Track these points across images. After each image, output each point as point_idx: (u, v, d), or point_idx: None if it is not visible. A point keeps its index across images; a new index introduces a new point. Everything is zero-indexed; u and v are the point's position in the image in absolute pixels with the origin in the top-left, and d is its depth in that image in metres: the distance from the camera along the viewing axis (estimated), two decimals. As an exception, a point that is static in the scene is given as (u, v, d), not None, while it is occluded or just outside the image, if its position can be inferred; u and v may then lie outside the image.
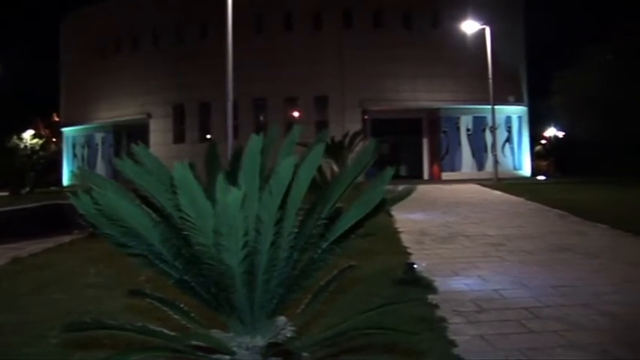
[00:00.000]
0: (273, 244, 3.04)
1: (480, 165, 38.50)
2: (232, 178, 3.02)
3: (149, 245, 3.16)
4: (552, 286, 7.92)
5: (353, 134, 24.47)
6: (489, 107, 33.43)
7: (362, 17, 39.38)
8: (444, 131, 38.78)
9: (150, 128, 42.54)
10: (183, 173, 2.82)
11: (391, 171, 3.26)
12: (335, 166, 21.85)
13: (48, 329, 5.89)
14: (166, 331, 3.25)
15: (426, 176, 40.38)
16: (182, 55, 40.30)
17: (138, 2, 42.52)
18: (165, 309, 3.52)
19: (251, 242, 2.94)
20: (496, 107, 33.86)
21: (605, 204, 18.06)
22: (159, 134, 41.98)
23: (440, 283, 7.94)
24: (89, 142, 48.62)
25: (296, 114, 39.09)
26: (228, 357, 3.19)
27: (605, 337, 5.76)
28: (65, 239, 13.73)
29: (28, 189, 34.55)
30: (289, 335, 3.34)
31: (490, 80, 32.77)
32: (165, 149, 38.43)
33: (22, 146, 54.11)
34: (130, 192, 3.30)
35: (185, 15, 40.45)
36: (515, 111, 39.62)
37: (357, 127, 32.62)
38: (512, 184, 27.06)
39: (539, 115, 43.98)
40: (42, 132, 56.05)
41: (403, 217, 15.22)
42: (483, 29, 33.79)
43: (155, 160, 3.41)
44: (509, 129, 39.47)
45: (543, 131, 53.70)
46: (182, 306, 3.51)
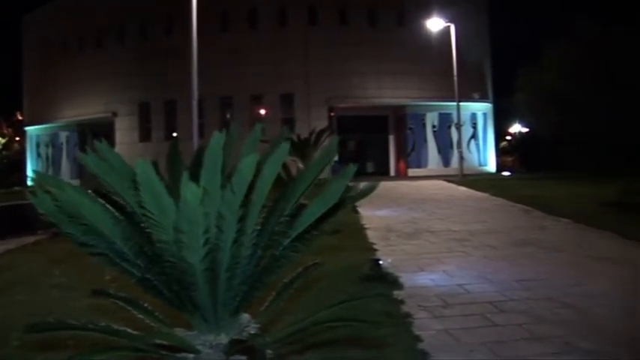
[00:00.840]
0: (235, 242, 3.03)
1: (446, 161, 38.79)
2: (195, 176, 3.00)
3: (110, 243, 3.14)
4: (516, 280, 8.02)
5: (319, 132, 24.42)
6: (455, 104, 33.69)
7: (327, 15, 39.38)
8: (410, 128, 38.98)
9: (115, 127, 42.08)
10: (145, 170, 2.80)
11: (353, 167, 3.28)
12: (301, 164, 21.81)
13: (10, 331, 5.80)
14: (130, 331, 3.23)
15: (393, 173, 40.54)
16: (147, 53, 39.92)
17: (102, -1, 42.06)
18: (129, 308, 3.49)
19: (212, 239, 2.92)
20: (461, 104, 34.13)
21: (568, 199, 18.29)
22: (124, 133, 41.56)
23: (405, 279, 7.99)
24: (54, 142, 47.93)
25: (262, 112, 38.97)
26: (192, 355, 3.17)
27: (567, 330, 5.84)
28: (29, 240, 13.52)
29: (-9, 189, 33.98)
30: (253, 332, 3.34)
31: (455, 77, 33.01)
32: (131, 148, 38.05)
33: (-16, 146, 53.26)
34: (92, 191, 3.27)
35: (150, 12, 40.09)
36: (480, 108, 39.99)
37: (324, 125, 32.57)
38: (477, 180, 27.32)
39: (504, 112, 44.38)
40: (4, 131, 55.15)
41: (369, 214, 15.29)
42: (448, 27, 34.02)
43: (118, 157, 3.39)
44: (474, 125, 39.82)
45: (508, 127, 54.13)
46: (146, 305, 3.49)
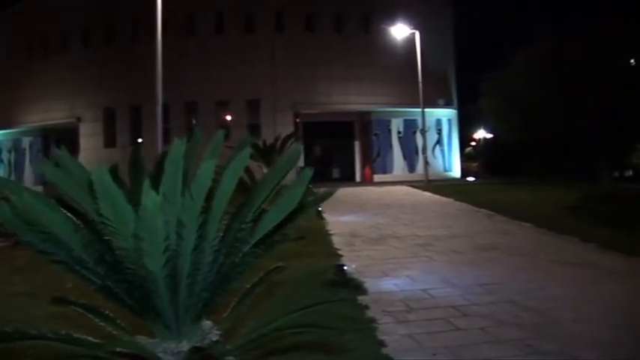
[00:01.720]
0: (196, 248, 3.02)
1: (411, 167, 38.99)
2: (157, 183, 2.99)
3: (70, 251, 3.11)
4: (479, 284, 8.11)
5: (285, 137, 24.44)
6: (419, 110, 33.92)
7: (294, 21, 39.40)
8: (376, 134, 39.13)
9: (80, 132, 41.54)
10: (101, 177, 2.78)
11: (310, 172, 3.29)
12: (266, 170, 21.80)
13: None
14: (91, 339, 3.19)
15: (358, 178, 40.61)
16: (112, 57, 39.48)
17: (67, 2, 41.47)
18: (90, 316, 3.46)
19: (173, 246, 2.91)
20: (426, 110, 34.38)
21: (530, 203, 18.55)
22: (89, 138, 41.04)
23: (370, 284, 8.01)
24: (16, 147, 47.10)
25: (228, 117, 38.82)
26: (153, 363, 3.16)
27: (528, 332, 5.94)
28: (-11, 248, 13.27)
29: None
30: (215, 339, 3.33)
31: (420, 84, 33.25)
32: (95, 153, 37.62)
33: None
34: (53, 198, 3.24)
35: (115, 16, 39.69)
36: (445, 114, 40.31)
37: (290, 131, 32.59)
38: (442, 186, 27.51)
39: (468, 118, 44.92)
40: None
41: (335, 220, 15.33)
42: (413, 34, 34.25)
43: (76, 164, 3.36)
44: (439, 131, 40.11)
45: (473, 133, 54.78)
46: (107, 313, 3.46)
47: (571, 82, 22.11)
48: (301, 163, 37.11)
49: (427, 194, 23.95)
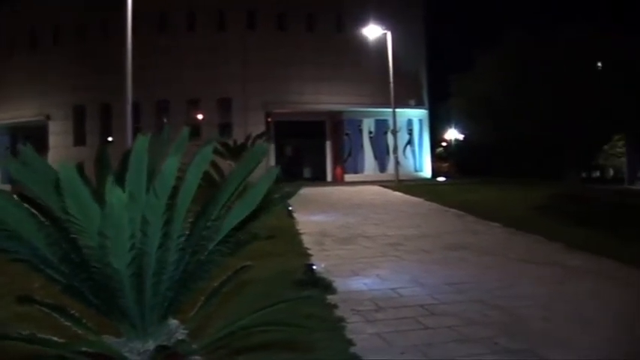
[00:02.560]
0: (161, 246, 3.00)
1: (382, 167, 39.13)
2: (122, 180, 2.97)
3: (34, 249, 3.07)
4: (448, 284, 8.16)
5: (255, 136, 24.42)
6: (391, 110, 34.03)
7: (265, 19, 39.33)
8: (347, 134, 39.21)
9: (49, 130, 41.04)
10: (68, 175, 2.76)
11: (275, 170, 3.28)
12: (238, 169, 21.75)
13: None
14: (56, 339, 3.15)
15: (330, 178, 40.65)
16: (82, 55, 39.02)
17: (37, -1, 40.98)
18: (56, 316, 3.42)
19: (138, 244, 2.89)
20: (397, 110, 34.50)
21: (499, 203, 18.72)
22: (58, 137, 40.56)
23: (339, 284, 8.02)
24: (-16, 145, 46.41)
25: (199, 116, 38.64)
26: (119, 363, 3.13)
27: (496, 330, 5.98)
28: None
29: None
30: (181, 338, 3.31)
31: (391, 84, 33.37)
32: (65, 152, 37.19)
33: None
34: (17, 195, 3.20)
35: (86, 13, 39.21)
36: (416, 114, 40.50)
37: (261, 130, 32.57)
38: (412, 186, 27.62)
39: (439, 118, 45.21)
40: None
41: (305, 219, 15.32)
42: (385, 34, 34.37)
43: (42, 162, 3.31)
44: (410, 131, 40.30)
45: (444, 133, 55.11)
46: (73, 312, 3.42)
47: (538, 84, 22.38)
48: (272, 163, 37.08)
49: (398, 194, 24.03)
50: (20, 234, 3.01)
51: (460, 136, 51.20)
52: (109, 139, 36.93)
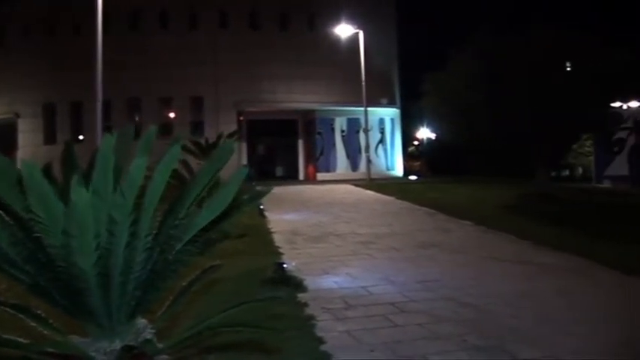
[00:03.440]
0: (128, 246, 2.98)
1: (354, 165, 39.14)
2: (88, 179, 2.94)
3: (-4, 249, 3.02)
4: (418, 281, 8.21)
5: (227, 135, 24.33)
6: (363, 109, 34.11)
7: (238, 18, 39.15)
8: (319, 132, 39.17)
9: (18, 128, 40.48)
10: (31, 173, 2.72)
11: (245, 170, 3.27)
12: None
13: None
14: (21, 340, 3.12)
15: (302, 177, 40.59)
16: (53, 52, 38.48)
17: (6, -5, 40.32)
18: (22, 316, 3.38)
19: (104, 243, 2.87)
20: (369, 109, 34.58)
21: (470, 202, 18.86)
22: (28, 135, 39.99)
23: (310, 282, 8.03)
24: (-49, 143, 45.64)
25: (171, 115, 38.40)
26: (86, 363, 3.10)
27: (466, 328, 6.04)
28: None
29: None
30: (148, 338, 3.29)
31: (363, 83, 33.44)
32: (35, 150, 36.67)
33: None
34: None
35: (56, 10, 38.74)
36: (388, 113, 40.57)
37: (233, 129, 32.44)
38: (384, 184, 27.70)
39: (411, 117, 45.37)
40: None
41: (277, 218, 15.31)
42: (357, 33, 34.43)
43: (5, 160, 3.26)
44: (382, 130, 40.35)
45: (416, 132, 55.34)
46: (40, 313, 3.39)
47: (508, 84, 22.61)
48: (245, 162, 36.97)
49: (369, 193, 24.10)
50: (-19, 233, 2.97)
51: (432, 135, 51.45)
52: (80, 138, 36.51)
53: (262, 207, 15.65)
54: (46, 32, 39.88)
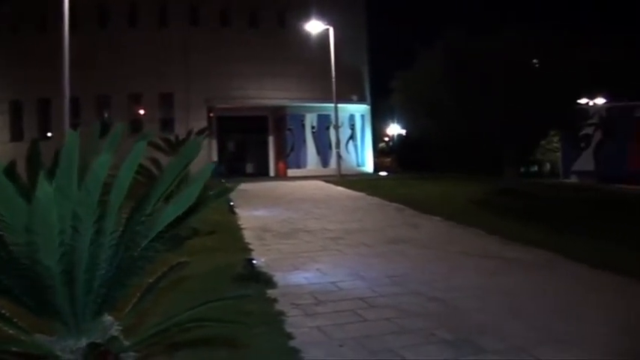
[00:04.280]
0: (93, 242, 2.96)
1: (325, 162, 39.19)
2: (53, 176, 2.92)
3: (-44, 247, 2.99)
4: (387, 277, 8.26)
5: (197, 132, 24.20)
6: (333, 105, 34.17)
7: (208, 15, 38.96)
8: (290, 129, 39.15)
9: (-17, 126, 39.90)
10: (-9, 169, 2.70)
11: (212, 165, 3.27)
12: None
13: None
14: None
15: (272, 173, 40.56)
16: (19, 49, 37.89)
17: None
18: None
19: (68, 240, 2.84)
20: (339, 105, 34.64)
21: (440, 198, 19.00)
22: (-6, 132, 39.49)
23: (279, 278, 8.04)
24: None
25: (141, 111, 38.12)
26: (51, 362, 3.08)
27: (433, 322, 6.09)
28: None
29: None
30: (115, 335, 3.27)
31: (333, 79, 33.48)
32: (1, 148, 36.18)
33: None
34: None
35: (23, 6, 38.21)
36: (358, 109, 40.68)
37: (204, 125, 32.25)
38: (354, 180, 27.80)
39: (382, 113, 45.48)
40: None
41: (247, 214, 15.29)
42: (327, 30, 34.47)
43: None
44: (352, 127, 40.46)
45: (386, 129, 55.47)
46: (4, 312, 3.35)
47: (477, 82, 22.76)
48: (215, 158, 36.79)
49: (340, 189, 24.15)
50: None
51: (402, 132, 51.62)
52: (48, 135, 36.08)
53: (232, 204, 15.61)
54: (13, 29, 39.32)
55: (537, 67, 24.89)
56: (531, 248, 10.26)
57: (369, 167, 41.29)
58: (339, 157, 34.61)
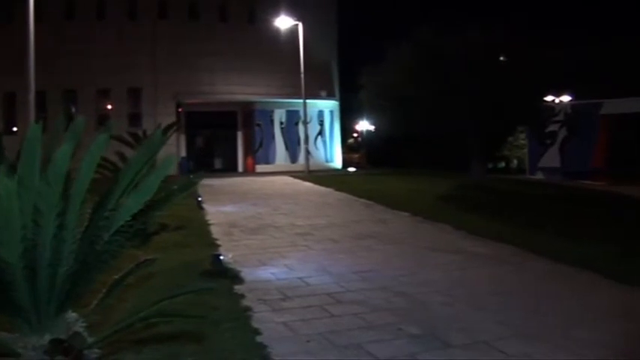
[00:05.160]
0: (56, 237, 2.93)
1: (293, 157, 39.16)
2: (16, 170, 2.88)
3: None
4: (355, 272, 8.29)
5: (165, 127, 23.98)
6: (302, 101, 34.16)
7: (177, 9, 38.64)
8: (258, 124, 39.04)
9: (-53, 120, 39.10)
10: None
11: (172, 158, 3.26)
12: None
13: None
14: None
15: (241, 169, 40.39)
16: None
17: None
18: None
19: (30, 235, 2.81)
20: (308, 101, 34.66)
21: (408, 194, 19.08)
22: (-43, 126, 38.72)
23: (246, 274, 8.03)
24: None
25: (109, 106, 37.71)
26: (12, 359, 3.03)
27: (400, 317, 6.14)
28: None
29: None
30: (78, 331, 3.24)
31: (302, 75, 33.47)
32: (-37, 143, 35.54)
33: None
34: None
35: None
36: (327, 105, 40.69)
37: (172, 120, 32.02)
38: (323, 176, 27.81)
39: (351, 109, 45.54)
40: None
41: (215, 210, 15.22)
42: (297, 25, 34.43)
43: None
44: (321, 122, 40.46)
45: (355, 125, 55.59)
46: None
47: (443, 78, 22.98)
48: (184, 154, 36.57)
49: (308, 184, 24.16)
50: None
51: (371, 128, 51.76)
52: (14, 130, 35.54)
53: (201, 199, 15.54)
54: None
55: (503, 65, 25.18)
56: (497, 243, 10.41)
57: (338, 163, 41.36)
58: (308, 153, 34.64)
